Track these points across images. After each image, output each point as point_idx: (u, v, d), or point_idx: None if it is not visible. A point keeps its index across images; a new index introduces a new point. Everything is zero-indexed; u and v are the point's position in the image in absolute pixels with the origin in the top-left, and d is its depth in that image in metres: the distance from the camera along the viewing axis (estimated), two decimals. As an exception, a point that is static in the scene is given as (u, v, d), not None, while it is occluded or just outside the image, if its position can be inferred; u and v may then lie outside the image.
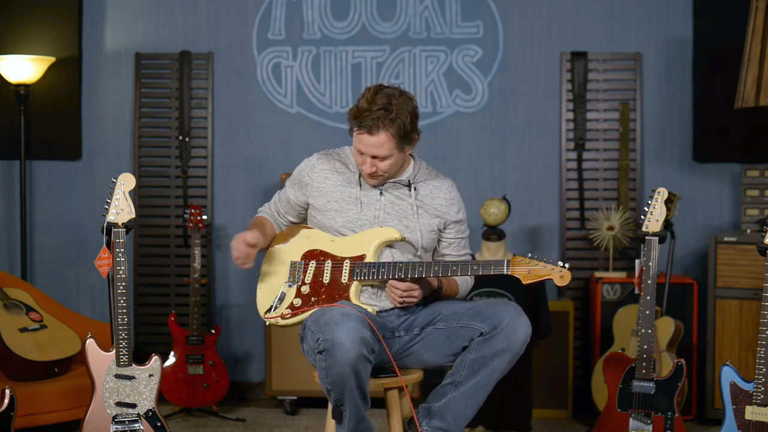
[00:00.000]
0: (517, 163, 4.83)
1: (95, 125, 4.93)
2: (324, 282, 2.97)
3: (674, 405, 3.27)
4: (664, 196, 3.37)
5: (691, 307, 4.35)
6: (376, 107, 2.86)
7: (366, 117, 2.87)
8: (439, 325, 2.93)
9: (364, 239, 2.97)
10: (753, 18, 3.84)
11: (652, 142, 4.77)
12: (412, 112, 2.93)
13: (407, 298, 2.91)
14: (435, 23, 4.83)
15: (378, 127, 2.86)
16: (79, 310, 4.89)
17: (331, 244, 3.01)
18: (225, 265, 4.90)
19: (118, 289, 3.17)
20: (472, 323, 2.84)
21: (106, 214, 3.16)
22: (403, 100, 2.90)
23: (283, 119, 4.91)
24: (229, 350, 4.92)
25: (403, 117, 2.88)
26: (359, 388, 2.69)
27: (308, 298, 2.96)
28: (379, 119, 2.85)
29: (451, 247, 3.11)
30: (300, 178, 3.09)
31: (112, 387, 3.18)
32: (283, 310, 2.98)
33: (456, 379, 2.86)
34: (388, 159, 2.93)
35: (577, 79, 4.74)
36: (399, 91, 2.93)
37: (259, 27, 4.89)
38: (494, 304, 2.88)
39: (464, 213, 3.14)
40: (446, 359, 2.94)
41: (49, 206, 4.95)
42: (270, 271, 3.09)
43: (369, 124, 2.86)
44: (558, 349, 4.45)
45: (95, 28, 4.91)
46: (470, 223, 4.64)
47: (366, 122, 2.87)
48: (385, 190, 3.03)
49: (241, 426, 4.34)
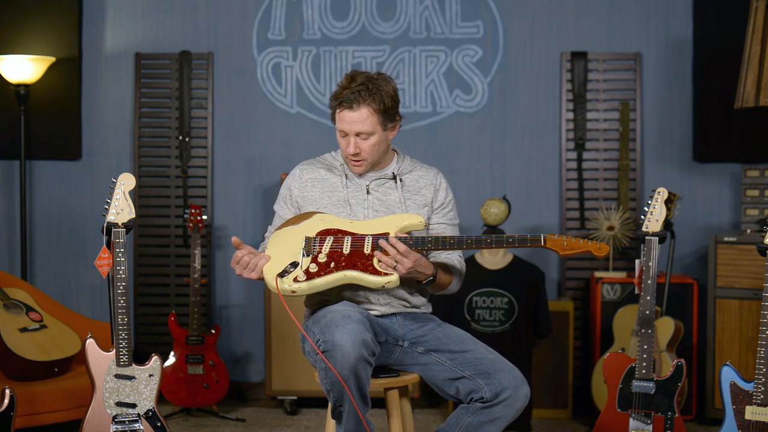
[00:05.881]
0: (517, 163, 4.83)
1: (95, 125, 4.93)
2: (344, 252, 2.81)
3: (674, 405, 3.27)
4: (664, 196, 3.37)
5: (691, 307, 4.35)
6: (356, 84, 2.88)
7: (346, 94, 2.87)
8: (445, 361, 2.87)
9: (386, 222, 2.90)
10: (753, 18, 3.84)
11: (652, 142, 4.77)
12: (392, 91, 2.93)
13: (398, 264, 2.78)
14: (435, 23, 4.83)
15: (359, 102, 2.87)
16: (79, 310, 4.89)
17: (350, 225, 2.91)
18: (225, 265, 4.90)
19: (118, 289, 3.17)
20: (477, 379, 2.79)
21: (106, 214, 3.16)
22: (382, 80, 2.92)
23: (283, 119, 4.91)
24: (229, 350, 4.92)
25: (384, 94, 2.88)
26: (359, 389, 2.69)
27: (326, 265, 2.79)
28: (359, 93, 2.86)
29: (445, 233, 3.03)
30: (290, 192, 3.04)
31: (112, 387, 3.18)
32: (297, 274, 2.79)
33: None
34: (371, 137, 2.91)
35: (577, 79, 4.74)
36: (377, 72, 2.96)
37: (259, 27, 4.89)
38: (500, 364, 2.80)
39: (453, 200, 3.08)
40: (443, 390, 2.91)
41: (49, 206, 4.95)
42: (280, 245, 2.89)
43: (350, 99, 2.87)
44: (558, 349, 4.45)
45: (95, 28, 4.91)
46: (470, 223, 4.69)
47: (347, 98, 2.87)
48: (372, 189, 3.01)
49: (241, 426, 4.34)
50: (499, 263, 4.33)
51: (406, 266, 2.78)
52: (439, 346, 2.90)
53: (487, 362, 2.81)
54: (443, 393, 2.91)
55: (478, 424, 2.78)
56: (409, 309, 3.01)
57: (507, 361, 2.83)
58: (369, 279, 2.76)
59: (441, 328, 2.97)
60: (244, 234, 4.90)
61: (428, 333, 2.95)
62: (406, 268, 2.78)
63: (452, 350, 2.87)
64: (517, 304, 4.26)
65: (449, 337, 2.92)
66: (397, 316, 2.98)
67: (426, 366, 2.91)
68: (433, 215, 3.04)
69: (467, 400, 2.81)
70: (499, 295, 4.28)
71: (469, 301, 4.30)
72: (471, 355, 2.84)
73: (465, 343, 2.89)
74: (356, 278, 2.77)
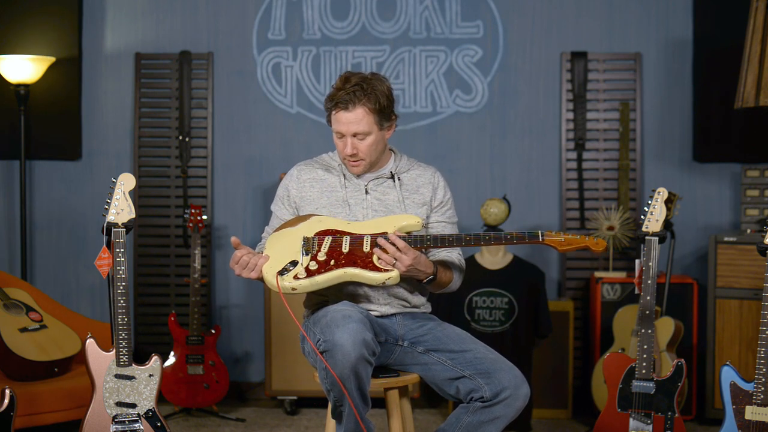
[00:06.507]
0: (517, 163, 4.83)
1: (95, 125, 4.94)
2: (343, 251, 2.82)
3: (674, 405, 3.27)
4: (664, 196, 3.37)
5: (691, 307, 4.36)
6: (350, 85, 2.88)
7: (341, 95, 2.88)
8: (445, 361, 2.87)
9: (383, 223, 2.90)
10: (753, 18, 3.84)
11: (652, 142, 4.77)
12: (387, 91, 2.93)
13: (397, 261, 2.78)
14: (435, 23, 4.83)
15: (354, 102, 2.87)
16: (79, 310, 4.89)
17: (348, 226, 2.91)
18: (225, 265, 4.90)
19: (118, 289, 3.17)
20: (477, 379, 2.79)
21: (106, 214, 3.16)
22: (376, 80, 2.92)
23: (283, 119, 4.91)
24: (229, 350, 4.92)
25: (379, 93, 2.89)
26: (359, 389, 2.69)
27: (325, 263, 2.79)
28: (354, 93, 2.87)
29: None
30: (288, 192, 3.03)
31: (112, 387, 3.18)
32: (297, 271, 2.79)
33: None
34: (368, 137, 2.91)
35: (577, 79, 4.74)
36: (371, 73, 2.96)
37: (259, 27, 4.89)
38: (500, 363, 2.81)
39: (451, 199, 3.08)
40: (443, 390, 2.91)
41: (49, 206, 4.95)
42: (279, 246, 2.89)
43: (345, 99, 2.87)
44: (558, 349, 4.45)
45: (95, 28, 4.91)
46: (470, 223, 4.69)
47: (342, 99, 2.88)
48: (370, 188, 3.01)
49: (241, 426, 4.34)
50: (499, 263, 4.33)
51: (405, 263, 2.78)
52: (439, 346, 2.90)
53: (487, 362, 2.81)
54: (443, 393, 2.91)
55: (478, 423, 2.78)
56: (408, 309, 3.01)
57: (507, 361, 2.83)
58: (369, 275, 2.76)
59: (441, 328, 2.97)
60: (244, 234, 4.90)
61: (428, 333, 2.95)
62: (406, 264, 2.78)
63: (452, 350, 2.87)
64: (517, 304, 4.26)
65: (449, 336, 2.92)
66: (397, 316, 2.98)
67: (426, 366, 2.91)
68: (432, 214, 3.05)
69: (467, 399, 2.81)
70: (499, 295, 4.28)
71: (469, 301, 4.30)
72: (471, 355, 2.84)
73: (465, 343, 2.89)
74: (356, 275, 2.78)
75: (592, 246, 2.84)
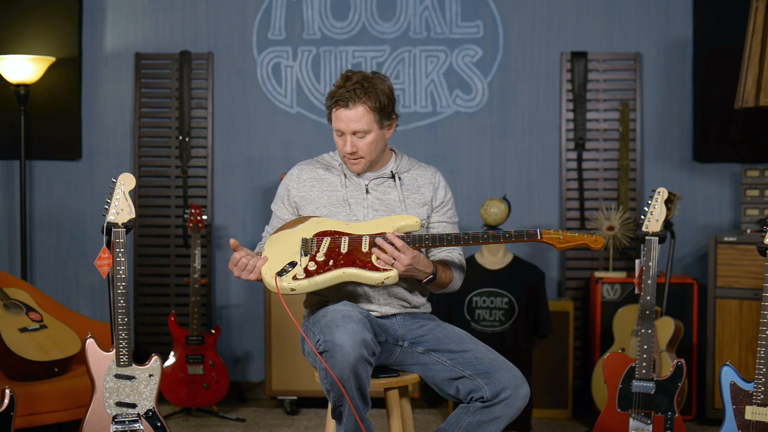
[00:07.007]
0: (517, 163, 4.83)
1: (95, 125, 4.94)
2: (342, 251, 2.82)
3: (674, 405, 3.27)
4: (664, 196, 3.37)
5: (691, 307, 4.36)
6: (351, 83, 2.89)
7: (342, 93, 2.88)
8: (445, 361, 2.87)
9: (381, 223, 2.90)
10: (753, 18, 3.84)
11: (652, 142, 4.77)
12: (388, 89, 2.94)
13: (396, 261, 2.78)
14: (435, 23, 4.83)
15: (354, 100, 2.88)
16: (79, 310, 4.89)
17: (347, 227, 2.91)
18: (225, 265, 4.90)
19: (118, 289, 3.17)
20: (477, 379, 2.79)
21: (106, 214, 3.16)
22: (377, 78, 2.93)
23: (283, 119, 4.91)
24: (229, 350, 4.92)
25: (379, 92, 2.89)
26: (359, 389, 2.69)
27: (324, 263, 2.80)
28: (355, 91, 2.87)
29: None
30: (288, 192, 3.04)
31: (112, 387, 3.18)
32: (296, 272, 2.79)
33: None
34: (368, 135, 2.91)
35: (577, 79, 4.74)
36: (372, 72, 2.97)
37: (259, 27, 4.89)
38: (500, 364, 2.81)
39: (452, 199, 3.09)
40: (443, 390, 2.91)
41: (49, 206, 4.95)
42: (277, 248, 2.89)
43: (346, 97, 2.88)
44: (558, 349, 4.45)
45: (95, 28, 4.91)
46: (470, 223, 4.69)
47: (343, 97, 2.88)
48: (371, 188, 3.01)
49: (241, 426, 4.34)
50: (499, 263, 4.33)
51: (404, 262, 2.78)
52: (439, 346, 2.90)
53: (487, 362, 2.81)
54: (443, 393, 2.91)
55: (478, 423, 2.78)
56: (408, 309, 3.01)
57: (507, 361, 2.83)
58: (368, 275, 2.77)
59: (441, 328, 2.97)
60: (244, 234, 4.90)
61: (428, 333, 2.95)
62: (404, 264, 2.78)
63: (452, 350, 2.87)
64: (517, 304, 4.26)
65: (449, 336, 2.92)
66: (397, 316, 2.98)
67: (426, 366, 2.91)
68: (433, 214, 3.05)
69: (467, 399, 2.81)
70: (499, 295, 4.28)
71: (469, 301, 4.30)
72: (471, 355, 2.84)
73: (465, 343, 2.89)
74: (355, 275, 2.78)
75: (590, 243, 2.84)
